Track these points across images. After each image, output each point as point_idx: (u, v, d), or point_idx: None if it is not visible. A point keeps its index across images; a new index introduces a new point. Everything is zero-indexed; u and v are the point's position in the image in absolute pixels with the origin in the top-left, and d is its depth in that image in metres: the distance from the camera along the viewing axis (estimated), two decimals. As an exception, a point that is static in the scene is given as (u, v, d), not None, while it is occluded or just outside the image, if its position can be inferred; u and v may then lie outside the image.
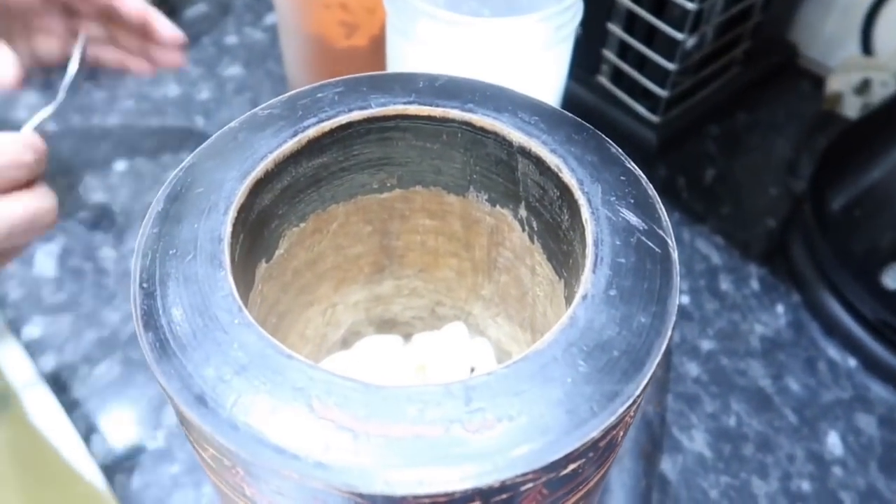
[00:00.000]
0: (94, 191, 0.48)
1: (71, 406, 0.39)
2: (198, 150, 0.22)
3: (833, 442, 0.39)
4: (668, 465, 0.37)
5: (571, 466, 0.17)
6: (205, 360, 0.17)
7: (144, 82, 0.56)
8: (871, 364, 0.42)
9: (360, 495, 0.16)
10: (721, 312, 0.44)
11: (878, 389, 0.41)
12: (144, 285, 0.19)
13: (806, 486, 0.37)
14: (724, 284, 0.46)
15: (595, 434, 0.17)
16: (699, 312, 0.44)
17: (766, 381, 0.41)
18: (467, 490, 0.16)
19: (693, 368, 0.41)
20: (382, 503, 0.16)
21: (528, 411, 0.17)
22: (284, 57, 0.51)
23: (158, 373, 0.17)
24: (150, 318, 0.18)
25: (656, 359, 0.18)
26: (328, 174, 0.25)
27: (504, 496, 0.17)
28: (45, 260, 0.44)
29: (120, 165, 0.50)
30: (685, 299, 0.45)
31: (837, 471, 0.38)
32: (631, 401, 0.17)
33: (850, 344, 0.42)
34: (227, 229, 0.20)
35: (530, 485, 0.17)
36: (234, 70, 0.57)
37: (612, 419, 0.17)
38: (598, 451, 0.18)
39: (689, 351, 0.42)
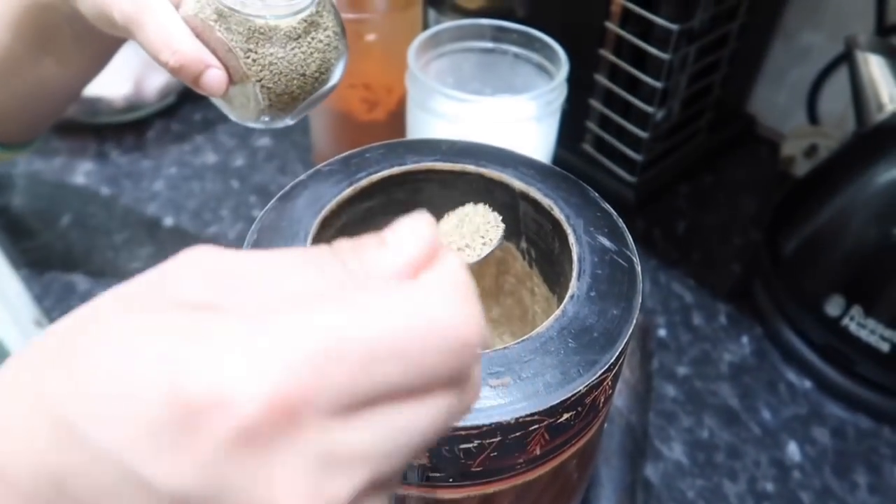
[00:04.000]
0: (145, 245, 0.55)
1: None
2: (278, 195, 0.29)
3: (792, 450, 0.45)
4: (651, 471, 0.43)
5: (565, 416, 0.24)
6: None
7: (186, 152, 0.63)
8: (823, 385, 0.48)
9: (417, 428, 0.22)
10: (694, 343, 0.51)
11: (830, 406, 0.47)
12: (250, 290, 0.26)
13: (770, 487, 0.43)
14: (697, 319, 0.52)
15: (582, 389, 0.23)
16: (675, 343, 0.51)
17: (735, 401, 0.47)
18: (491, 424, 0.22)
19: (671, 390, 0.48)
20: (432, 434, 0.22)
21: (533, 373, 0.24)
22: (311, 129, 0.59)
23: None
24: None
25: (625, 339, 0.25)
26: (372, 215, 0.32)
27: (517, 434, 0.23)
28: (105, 303, 0.51)
29: (167, 222, 0.57)
30: (663, 332, 0.51)
31: (797, 474, 0.44)
32: (606, 367, 0.24)
33: (805, 368, 0.49)
34: (307, 251, 0.27)
35: (536, 426, 0.23)
36: (263, 141, 0.65)
37: (594, 379, 0.24)
38: (585, 408, 0.25)
39: (668, 375, 0.49)
